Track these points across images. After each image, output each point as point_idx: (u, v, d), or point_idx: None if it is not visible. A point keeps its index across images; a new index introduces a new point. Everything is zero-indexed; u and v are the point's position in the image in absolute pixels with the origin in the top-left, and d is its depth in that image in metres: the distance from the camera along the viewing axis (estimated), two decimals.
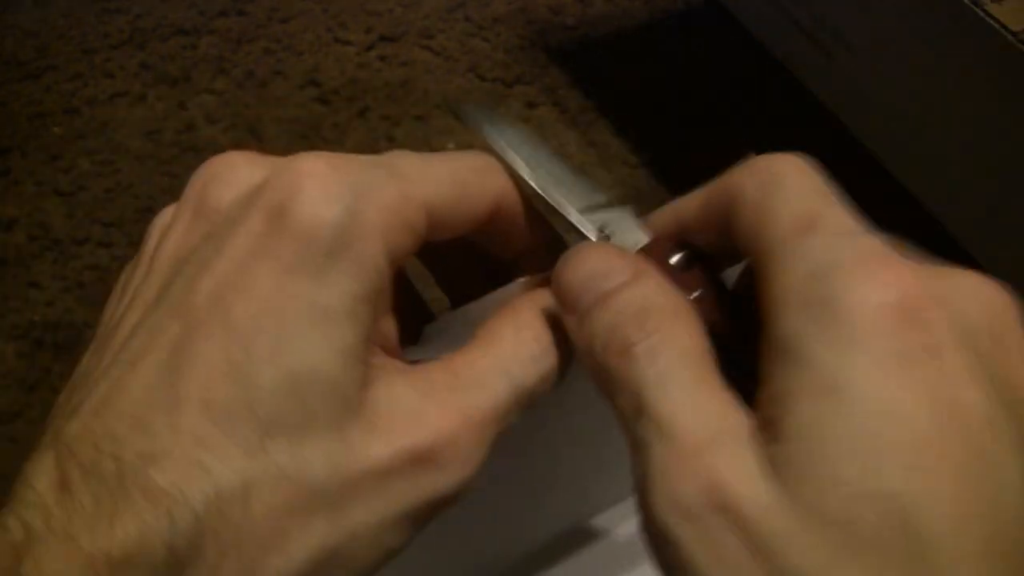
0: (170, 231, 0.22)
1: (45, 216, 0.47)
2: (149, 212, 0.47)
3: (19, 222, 0.47)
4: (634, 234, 0.23)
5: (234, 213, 0.20)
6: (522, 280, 0.24)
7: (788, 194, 0.19)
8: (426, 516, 0.20)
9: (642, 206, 0.23)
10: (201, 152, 0.49)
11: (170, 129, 0.51)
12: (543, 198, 0.23)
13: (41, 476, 0.18)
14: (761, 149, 0.21)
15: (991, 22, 0.35)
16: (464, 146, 0.50)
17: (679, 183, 0.49)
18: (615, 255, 0.21)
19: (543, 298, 0.22)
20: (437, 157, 0.23)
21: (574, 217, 0.23)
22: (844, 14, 0.44)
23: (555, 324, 0.22)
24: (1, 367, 0.42)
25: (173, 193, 0.22)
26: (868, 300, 0.17)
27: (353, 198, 0.20)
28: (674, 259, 0.22)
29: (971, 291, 0.18)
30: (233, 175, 0.21)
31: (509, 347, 0.21)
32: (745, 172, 0.21)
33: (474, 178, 0.23)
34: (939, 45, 0.39)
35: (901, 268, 0.17)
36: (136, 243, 0.51)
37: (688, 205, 0.22)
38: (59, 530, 0.17)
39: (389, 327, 0.22)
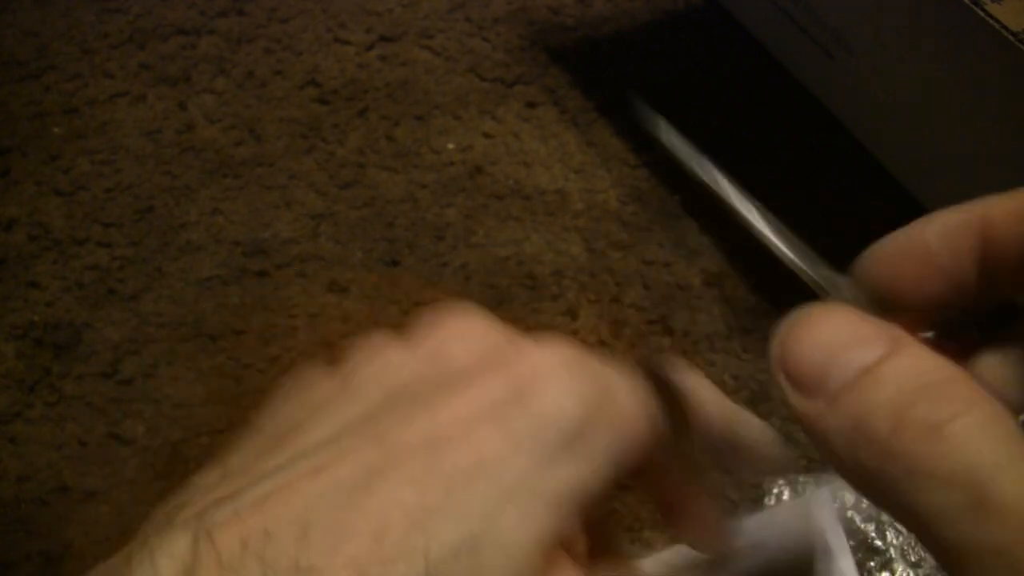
0: (381, 358, 0.21)
1: (45, 216, 0.47)
2: (149, 212, 0.48)
3: (19, 222, 0.47)
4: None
5: (470, 370, 0.20)
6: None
7: None
8: None
9: (642, 206, 0.23)
10: (201, 152, 0.49)
11: (170, 129, 0.51)
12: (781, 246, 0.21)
13: (167, 557, 0.17)
14: (761, 148, 0.21)
15: (991, 22, 0.35)
16: (464, 147, 0.50)
17: (679, 183, 0.49)
18: (862, 321, 0.18)
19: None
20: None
21: (819, 273, 0.20)
22: (844, 14, 0.44)
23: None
24: (1, 367, 0.42)
25: (173, 193, 0.22)
26: None
27: (594, 394, 0.20)
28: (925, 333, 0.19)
29: None
30: (473, 340, 0.21)
31: None
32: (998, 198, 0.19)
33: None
34: (939, 45, 0.39)
35: None
36: (136, 243, 0.51)
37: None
38: None
39: (585, 537, 0.21)
